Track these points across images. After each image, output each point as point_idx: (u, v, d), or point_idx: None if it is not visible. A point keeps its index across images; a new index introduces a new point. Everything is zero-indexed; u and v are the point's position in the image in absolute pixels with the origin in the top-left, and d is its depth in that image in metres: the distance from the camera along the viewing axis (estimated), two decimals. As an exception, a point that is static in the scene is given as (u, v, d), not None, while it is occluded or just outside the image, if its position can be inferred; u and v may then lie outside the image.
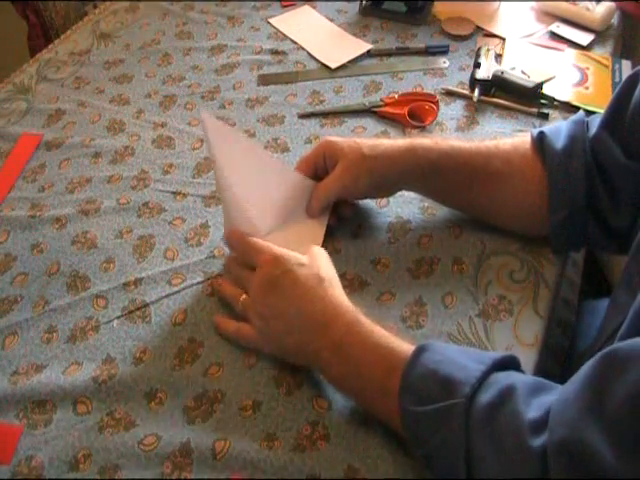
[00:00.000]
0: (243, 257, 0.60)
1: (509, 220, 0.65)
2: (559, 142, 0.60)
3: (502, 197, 0.62)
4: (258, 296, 0.55)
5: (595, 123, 0.60)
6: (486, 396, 0.43)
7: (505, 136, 0.66)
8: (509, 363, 0.48)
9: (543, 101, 0.81)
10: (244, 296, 0.57)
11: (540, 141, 0.61)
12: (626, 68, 0.86)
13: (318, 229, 0.66)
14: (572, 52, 0.90)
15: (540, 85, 0.82)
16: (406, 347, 0.49)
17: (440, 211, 0.70)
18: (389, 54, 0.93)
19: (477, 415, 0.43)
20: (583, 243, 0.65)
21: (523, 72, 0.85)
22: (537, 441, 0.39)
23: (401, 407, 0.47)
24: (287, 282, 0.53)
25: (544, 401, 0.42)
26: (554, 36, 0.94)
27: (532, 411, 0.41)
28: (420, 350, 0.48)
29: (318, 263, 0.55)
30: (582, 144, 0.59)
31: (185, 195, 0.74)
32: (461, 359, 0.47)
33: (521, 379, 0.45)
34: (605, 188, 0.58)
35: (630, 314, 0.42)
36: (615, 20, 0.96)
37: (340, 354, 0.51)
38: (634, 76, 0.58)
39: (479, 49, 0.88)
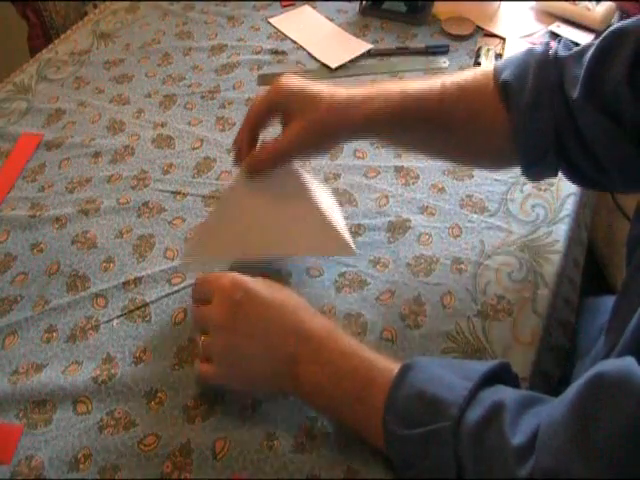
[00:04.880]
0: (201, 295, 0.55)
1: (478, 164, 0.66)
2: (525, 95, 0.56)
3: (468, 145, 0.60)
4: (222, 325, 0.51)
5: (573, 76, 0.55)
6: (474, 415, 0.42)
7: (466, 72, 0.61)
8: (499, 372, 0.47)
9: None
10: (203, 337, 0.53)
11: (504, 91, 0.57)
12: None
13: None
14: (572, 52, 0.90)
15: (540, 85, 0.81)
16: (386, 362, 0.48)
17: (439, 211, 0.70)
18: (389, 54, 0.93)
19: (465, 436, 0.42)
20: (556, 175, 0.62)
21: (523, 72, 0.85)
22: (523, 470, 0.39)
23: (386, 429, 0.45)
24: (250, 303, 0.51)
25: (531, 422, 0.41)
26: (554, 36, 0.94)
27: (518, 436, 0.40)
28: (405, 369, 0.47)
29: (278, 284, 0.54)
30: (549, 95, 0.55)
31: (185, 195, 0.75)
32: (447, 376, 0.45)
33: (509, 395, 0.43)
34: (581, 147, 0.56)
35: (626, 334, 0.42)
36: (615, 20, 0.96)
37: (318, 362, 0.49)
38: (615, 37, 0.53)
39: (479, 49, 0.88)
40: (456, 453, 0.42)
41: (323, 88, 0.58)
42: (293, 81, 0.58)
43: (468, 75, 0.60)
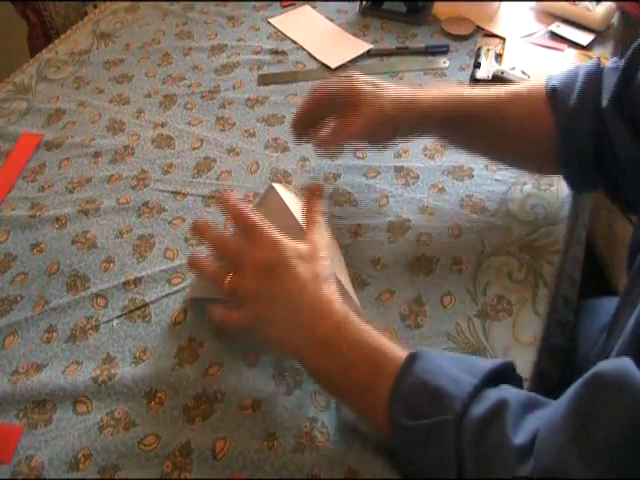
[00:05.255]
0: (239, 228, 0.55)
1: (524, 167, 0.69)
2: (570, 100, 0.60)
3: (516, 147, 0.65)
4: (251, 279, 0.51)
5: (609, 86, 0.59)
6: (477, 411, 0.42)
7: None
8: (503, 371, 0.47)
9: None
10: (230, 277, 0.53)
11: (552, 96, 0.61)
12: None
13: None
14: (572, 52, 0.90)
15: (540, 85, 0.82)
16: (396, 350, 0.48)
17: (439, 211, 0.70)
18: (389, 54, 0.93)
19: (468, 432, 0.42)
20: (597, 188, 0.66)
21: (523, 72, 0.85)
22: (523, 470, 0.39)
23: (391, 419, 0.46)
24: (282, 272, 0.51)
25: (533, 424, 0.41)
26: (554, 36, 0.94)
27: (520, 435, 0.40)
28: (412, 358, 0.47)
29: (317, 257, 0.53)
30: (593, 105, 0.59)
31: (185, 195, 0.75)
32: (453, 370, 0.46)
33: (513, 395, 0.44)
34: (612, 157, 0.59)
35: (625, 334, 0.42)
36: (615, 20, 0.96)
37: (326, 351, 0.49)
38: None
39: (479, 49, 0.88)
40: (457, 448, 0.42)
41: (389, 85, 0.64)
42: (361, 76, 0.64)
43: (523, 85, 0.65)
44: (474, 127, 0.64)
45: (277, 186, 0.62)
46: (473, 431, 0.42)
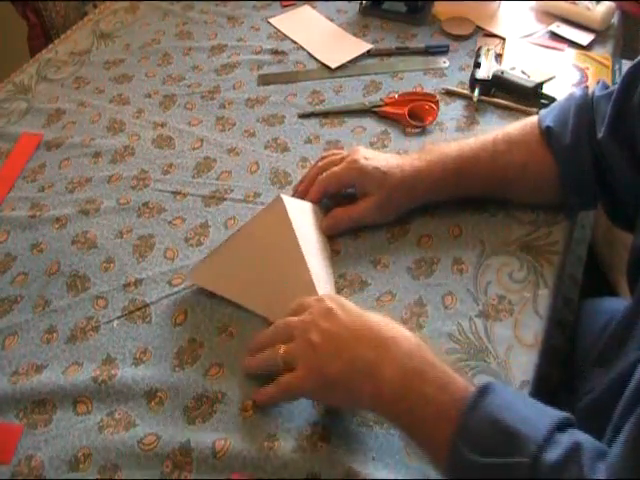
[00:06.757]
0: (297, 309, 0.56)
1: (527, 200, 0.69)
2: (566, 137, 0.62)
3: (523, 192, 0.67)
4: (312, 324, 0.52)
5: (602, 115, 0.61)
6: (552, 455, 0.41)
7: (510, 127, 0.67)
8: (568, 421, 0.45)
9: (543, 101, 0.81)
10: (284, 347, 0.53)
11: (548, 136, 0.63)
12: (626, 68, 0.86)
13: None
14: (572, 52, 0.90)
15: (540, 85, 0.82)
16: (462, 380, 0.47)
17: (439, 211, 0.70)
18: (389, 54, 0.93)
19: (542, 475, 0.40)
20: (596, 206, 0.70)
21: (523, 72, 0.85)
22: None
23: (455, 450, 0.44)
24: (341, 312, 0.52)
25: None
26: (554, 36, 0.94)
27: (598, 474, 0.39)
28: (483, 391, 0.45)
29: (344, 305, 0.54)
30: (588, 138, 0.61)
31: (185, 195, 0.74)
32: (523, 410, 0.44)
33: (586, 439, 0.42)
34: (613, 182, 0.61)
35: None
36: (615, 20, 0.96)
37: (401, 368, 0.48)
38: (634, 73, 0.58)
39: (479, 49, 0.88)
40: None
41: (393, 165, 0.66)
42: (367, 159, 0.66)
43: (516, 127, 0.67)
44: (477, 184, 0.66)
45: (286, 197, 0.62)
46: (548, 475, 0.40)
